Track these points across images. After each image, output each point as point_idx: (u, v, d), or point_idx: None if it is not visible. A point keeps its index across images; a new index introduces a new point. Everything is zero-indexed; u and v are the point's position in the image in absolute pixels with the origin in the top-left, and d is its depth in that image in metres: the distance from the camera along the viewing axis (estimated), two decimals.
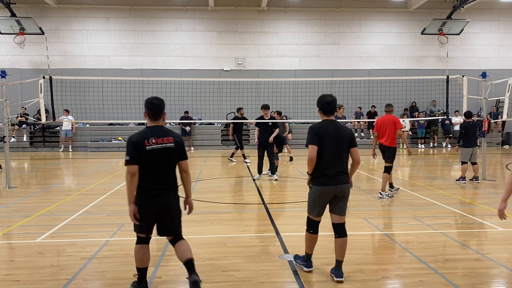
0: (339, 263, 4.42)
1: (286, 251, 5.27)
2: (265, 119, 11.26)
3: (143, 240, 4.06)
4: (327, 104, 4.46)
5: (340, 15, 22.83)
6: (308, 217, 4.55)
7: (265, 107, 11.38)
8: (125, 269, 4.76)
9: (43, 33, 19.44)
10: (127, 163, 3.85)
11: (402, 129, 22.22)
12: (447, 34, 20.99)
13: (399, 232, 6.26)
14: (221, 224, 6.71)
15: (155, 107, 4.02)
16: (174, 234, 4.08)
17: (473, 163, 10.54)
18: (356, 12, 22.87)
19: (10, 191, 9.81)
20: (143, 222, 3.91)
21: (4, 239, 6.09)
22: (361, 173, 12.57)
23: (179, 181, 4.15)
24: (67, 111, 19.33)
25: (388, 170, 8.90)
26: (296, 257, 4.80)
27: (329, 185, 4.35)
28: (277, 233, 6.08)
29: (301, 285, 4.32)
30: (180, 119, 20.19)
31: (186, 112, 20.65)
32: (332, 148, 4.33)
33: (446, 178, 11.70)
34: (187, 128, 20.59)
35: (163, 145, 3.93)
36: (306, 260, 4.63)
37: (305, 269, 4.60)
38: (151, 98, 4.08)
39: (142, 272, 4.08)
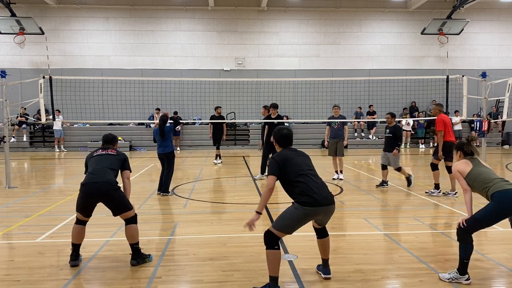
0: (326, 261, 4.47)
1: (286, 251, 5.27)
2: (272, 118, 11.20)
3: (79, 221, 4.98)
4: (283, 137, 4.32)
5: (340, 15, 22.84)
6: (271, 233, 4.02)
7: (273, 106, 11.30)
8: (125, 269, 4.77)
9: (43, 33, 19.45)
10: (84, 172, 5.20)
11: (405, 129, 22.14)
12: (447, 34, 21.00)
13: (399, 232, 6.26)
14: (221, 224, 6.71)
15: (106, 139, 5.50)
16: (116, 214, 4.98)
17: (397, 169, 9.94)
18: (356, 12, 22.88)
19: (10, 191, 9.82)
20: (79, 204, 4.96)
21: (4, 239, 6.09)
22: (361, 173, 12.57)
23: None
24: (58, 111, 19.31)
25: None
26: None
27: (319, 206, 3.98)
28: None
29: (301, 285, 4.32)
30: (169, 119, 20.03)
31: (175, 113, 20.54)
32: (305, 166, 4.14)
33: (446, 178, 11.70)
34: (177, 128, 20.26)
35: (106, 153, 5.19)
36: (274, 287, 4.03)
37: None
38: (107, 134, 5.61)
39: (75, 246, 4.92)
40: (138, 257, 4.90)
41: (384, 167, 9.98)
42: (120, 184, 5.01)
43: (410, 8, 22.70)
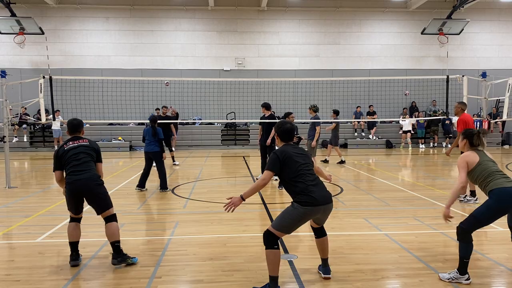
0: (325, 260, 4.47)
1: (286, 251, 5.27)
2: (265, 118, 11.17)
3: (73, 219, 4.99)
4: (286, 132, 4.29)
5: (340, 15, 22.84)
6: (270, 233, 4.02)
7: (263, 105, 11.28)
8: (125, 269, 4.77)
9: (43, 33, 19.43)
10: (53, 170, 5.07)
11: (405, 129, 21.85)
12: (447, 34, 20.98)
13: (399, 232, 6.26)
14: (221, 224, 6.70)
15: (72, 125, 5.23)
16: (99, 213, 4.94)
17: None
18: (356, 12, 22.87)
19: (10, 191, 9.82)
20: (68, 203, 4.97)
21: (4, 239, 6.10)
22: (361, 173, 12.57)
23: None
24: (58, 111, 19.30)
25: None
26: None
27: (318, 205, 4.01)
28: None
29: (301, 285, 4.32)
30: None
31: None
32: (303, 165, 4.14)
33: (446, 178, 11.70)
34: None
35: (78, 144, 5.01)
36: (274, 286, 4.06)
37: None
38: (71, 119, 5.34)
39: (72, 245, 4.89)
40: (119, 256, 4.82)
41: None
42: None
43: (410, 8, 22.68)
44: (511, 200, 4.14)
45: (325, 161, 14.80)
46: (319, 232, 4.43)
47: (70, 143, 5.02)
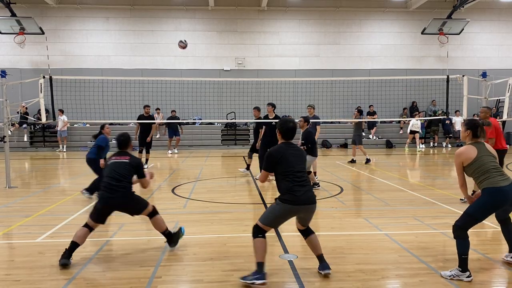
0: (320, 257, 4.52)
1: (286, 251, 5.27)
2: (269, 118, 11.18)
3: (86, 226, 5.07)
4: (289, 130, 4.47)
5: (340, 15, 22.84)
6: (258, 226, 4.36)
7: (272, 105, 11.31)
8: (125, 268, 4.77)
9: (43, 33, 19.44)
10: None
11: (414, 130, 21.15)
12: (447, 34, 20.99)
13: (399, 232, 6.26)
14: (221, 224, 6.71)
15: (118, 142, 5.56)
16: (136, 214, 5.33)
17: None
18: (356, 12, 22.88)
19: (10, 191, 9.81)
20: (95, 213, 5.09)
21: (4, 239, 6.09)
22: (361, 173, 12.57)
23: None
24: (61, 111, 19.30)
25: None
26: (244, 278, 4.29)
27: (299, 205, 4.26)
28: (277, 233, 6.06)
29: (301, 285, 4.32)
30: (167, 119, 19.88)
31: (173, 111, 20.44)
32: (297, 166, 4.33)
33: (446, 178, 11.70)
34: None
35: (120, 160, 5.32)
36: (259, 272, 4.22)
37: (257, 282, 4.17)
38: (118, 135, 5.64)
39: (73, 245, 4.94)
40: (174, 238, 5.36)
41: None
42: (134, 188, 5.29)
43: (410, 8, 22.68)
44: (504, 199, 4.25)
45: (352, 161, 14.80)
46: (305, 232, 4.55)
47: (114, 158, 5.40)
